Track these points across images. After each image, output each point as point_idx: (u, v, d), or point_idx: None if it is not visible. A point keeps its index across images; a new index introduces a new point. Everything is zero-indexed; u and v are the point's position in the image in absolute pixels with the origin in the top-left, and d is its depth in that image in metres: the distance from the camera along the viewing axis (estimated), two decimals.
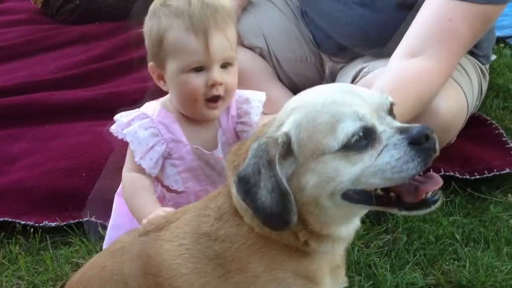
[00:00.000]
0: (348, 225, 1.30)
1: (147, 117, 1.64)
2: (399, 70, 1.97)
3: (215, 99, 1.60)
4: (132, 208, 1.62)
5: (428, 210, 1.22)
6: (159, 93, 2.84)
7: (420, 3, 2.09)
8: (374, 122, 1.17)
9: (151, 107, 1.69)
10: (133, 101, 2.80)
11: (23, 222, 2.12)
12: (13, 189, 2.25)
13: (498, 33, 3.53)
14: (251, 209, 1.18)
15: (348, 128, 1.14)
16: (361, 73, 2.39)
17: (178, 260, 1.29)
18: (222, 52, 1.57)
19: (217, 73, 1.57)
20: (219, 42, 1.56)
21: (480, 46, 2.45)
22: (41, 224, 2.11)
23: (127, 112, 1.67)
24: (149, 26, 1.62)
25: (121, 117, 1.66)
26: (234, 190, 1.23)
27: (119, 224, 1.78)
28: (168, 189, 1.69)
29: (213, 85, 1.57)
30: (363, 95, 1.21)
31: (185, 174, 1.65)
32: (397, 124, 1.20)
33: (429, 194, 1.21)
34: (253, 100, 1.71)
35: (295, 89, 2.70)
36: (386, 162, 1.14)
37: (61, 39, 3.71)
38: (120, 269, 1.36)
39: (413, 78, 1.95)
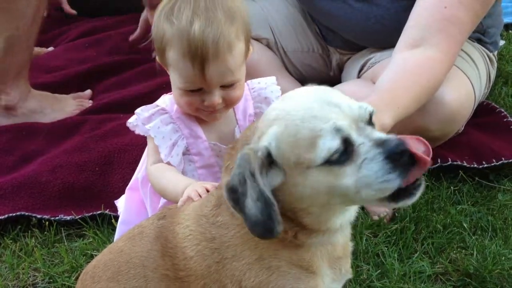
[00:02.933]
0: (343, 216, 1.30)
1: (166, 112, 1.64)
2: (400, 62, 1.99)
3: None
4: (164, 190, 1.57)
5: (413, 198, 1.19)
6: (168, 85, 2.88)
7: None
8: (353, 134, 1.16)
9: (168, 102, 1.67)
10: (143, 95, 2.85)
11: (39, 216, 2.16)
12: (28, 184, 2.29)
13: (508, 19, 3.51)
14: (241, 216, 1.20)
15: (328, 144, 1.14)
16: (368, 64, 2.39)
17: (186, 243, 1.34)
18: (220, 79, 1.51)
19: (215, 96, 1.53)
20: (217, 71, 1.49)
21: (487, 33, 2.44)
22: (56, 218, 2.16)
23: (146, 106, 1.65)
24: (155, 28, 1.56)
25: (142, 112, 1.63)
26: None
27: (127, 219, 1.81)
28: None
29: (209, 106, 1.55)
30: (342, 106, 1.19)
31: (202, 170, 1.66)
32: (376, 135, 1.18)
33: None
34: (272, 100, 1.68)
35: (302, 80, 2.72)
36: (367, 175, 1.15)
37: (71, 33, 3.74)
38: (139, 252, 1.39)
39: (414, 68, 1.96)
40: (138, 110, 1.65)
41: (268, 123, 1.23)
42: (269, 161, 1.20)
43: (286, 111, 1.21)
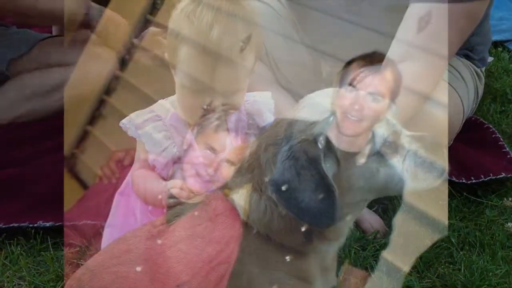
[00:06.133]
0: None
1: (160, 119, 1.65)
2: None
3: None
4: (145, 192, 1.60)
5: None
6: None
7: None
8: (399, 126, 1.28)
9: (164, 108, 1.68)
10: None
11: (23, 224, 2.12)
12: (9, 191, 2.27)
13: (497, 37, 3.55)
14: (294, 215, 1.18)
15: (383, 133, 1.24)
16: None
17: (180, 267, 1.30)
18: (226, 86, 1.54)
19: (216, 101, 1.54)
20: (225, 78, 1.52)
21: (475, 49, 2.47)
22: (35, 225, 2.12)
23: (141, 111, 1.67)
24: (173, 23, 1.58)
25: (136, 117, 1.65)
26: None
27: (115, 223, 1.80)
28: None
29: (209, 110, 1.56)
30: None
31: (192, 179, 1.62)
32: (409, 132, 1.30)
33: None
34: (265, 112, 1.69)
35: (293, 92, 2.72)
36: (412, 166, 1.27)
37: None
38: (126, 272, 1.35)
39: None
40: (132, 115, 1.67)
41: (318, 114, 1.23)
42: (325, 151, 1.20)
43: (338, 102, 1.22)
